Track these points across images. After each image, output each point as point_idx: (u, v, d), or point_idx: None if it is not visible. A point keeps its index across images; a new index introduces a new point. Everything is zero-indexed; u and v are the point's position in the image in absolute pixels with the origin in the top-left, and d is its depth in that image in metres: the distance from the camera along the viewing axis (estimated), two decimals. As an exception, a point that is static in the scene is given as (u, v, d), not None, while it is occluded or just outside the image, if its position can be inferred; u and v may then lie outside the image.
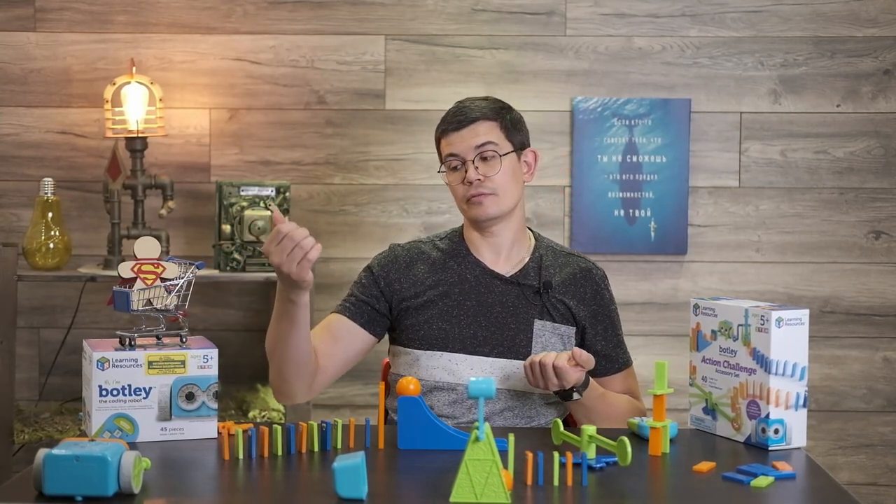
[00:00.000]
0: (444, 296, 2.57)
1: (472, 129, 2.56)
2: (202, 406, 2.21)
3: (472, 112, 2.58)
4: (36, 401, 3.68)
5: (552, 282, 2.59)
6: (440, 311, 2.56)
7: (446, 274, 2.60)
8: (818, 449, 3.71)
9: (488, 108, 2.59)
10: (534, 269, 2.60)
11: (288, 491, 1.98)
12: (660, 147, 3.70)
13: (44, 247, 3.41)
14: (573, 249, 2.72)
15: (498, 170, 2.55)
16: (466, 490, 1.84)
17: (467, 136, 2.56)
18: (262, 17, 3.69)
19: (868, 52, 3.71)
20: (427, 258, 2.63)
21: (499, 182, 2.55)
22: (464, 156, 2.56)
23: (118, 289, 2.24)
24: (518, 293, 2.58)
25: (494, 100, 2.63)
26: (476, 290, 2.58)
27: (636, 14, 3.70)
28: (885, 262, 3.74)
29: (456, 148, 2.57)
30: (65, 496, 1.83)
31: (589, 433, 2.05)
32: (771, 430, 2.22)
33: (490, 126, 2.58)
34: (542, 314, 2.57)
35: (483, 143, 2.56)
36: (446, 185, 2.61)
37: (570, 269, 2.62)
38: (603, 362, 2.60)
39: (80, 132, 3.70)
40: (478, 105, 2.60)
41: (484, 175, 2.54)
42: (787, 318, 2.22)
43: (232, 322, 3.74)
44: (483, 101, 2.62)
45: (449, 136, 2.58)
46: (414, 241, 2.70)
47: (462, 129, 2.56)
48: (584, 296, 2.61)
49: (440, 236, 2.69)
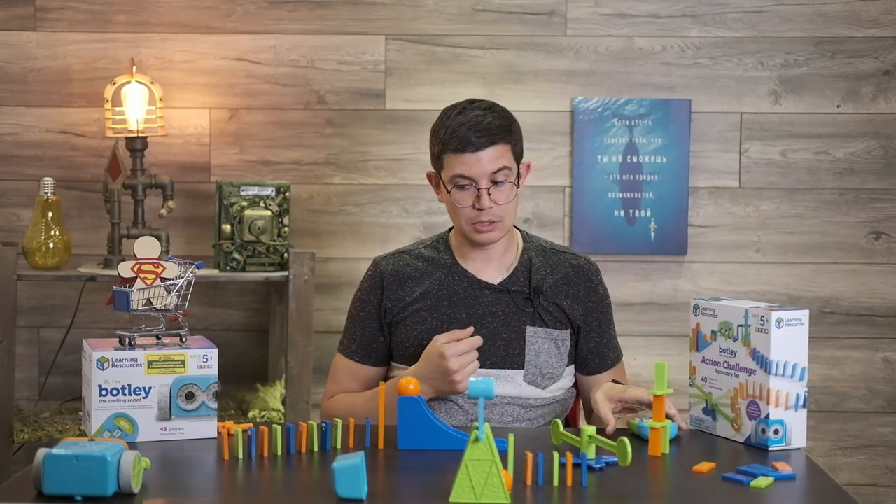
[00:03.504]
0: (433, 310, 2.55)
1: (488, 153, 2.47)
2: (202, 406, 2.21)
3: (486, 131, 2.47)
4: (36, 400, 3.68)
5: (542, 286, 2.57)
6: (430, 326, 2.54)
7: (434, 286, 2.57)
8: (818, 450, 3.71)
9: (500, 128, 2.49)
10: (523, 273, 2.58)
11: (288, 491, 1.98)
12: (660, 147, 3.69)
13: (44, 246, 3.41)
14: (563, 246, 2.68)
15: (511, 197, 2.50)
16: (466, 490, 1.84)
17: (484, 159, 2.47)
18: (263, 17, 3.69)
19: (869, 53, 3.71)
20: (413, 270, 2.60)
21: (506, 208, 2.50)
22: (477, 180, 2.48)
23: (118, 288, 2.24)
24: (508, 301, 2.56)
25: (501, 113, 2.52)
26: (465, 301, 2.56)
27: (637, 14, 3.70)
28: (885, 263, 3.74)
29: (470, 171, 2.47)
30: (64, 496, 1.83)
31: (589, 433, 2.05)
32: (771, 431, 2.22)
33: (504, 150, 2.49)
34: (535, 320, 2.55)
35: (499, 169, 2.48)
36: (439, 201, 2.57)
37: (562, 269, 2.60)
38: (596, 360, 2.60)
39: (80, 132, 3.70)
40: (488, 120, 2.48)
41: (495, 202, 2.48)
42: (787, 319, 2.22)
43: (232, 322, 3.73)
44: (492, 113, 2.51)
45: (460, 156, 2.48)
46: (397, 251, 2.66)
47: (479, 151, 2.47)
48: (578, 294, 2.60)
49: (425, 243, 2.66)
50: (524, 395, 2.54)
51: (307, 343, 3.36)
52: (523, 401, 2.54)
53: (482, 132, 2.47)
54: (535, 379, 2.53)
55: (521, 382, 2.53)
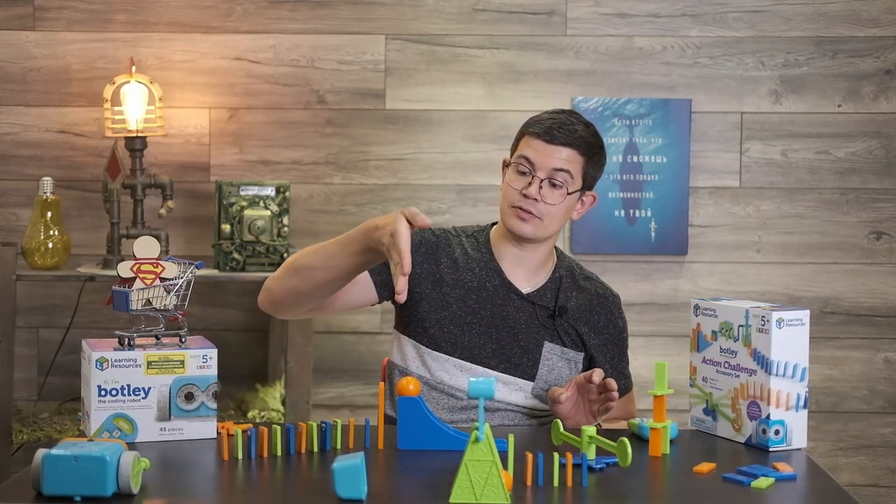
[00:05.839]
0: (460, 299, 2.53)
1: (560, 151, 2.48)
2: (201, 406, 2.21)
3: (570, 134, 2.48)
4: (35, 401, 3.67)
5: (567, 307, 2.56)
6: (454, 314, 2.52)
7: (468, 276, 2.55)
8: (819, 450, 3.71)
9: (585, 141, 2.50)
10: (552, 290, 2.57)
11: (287, 491, 1.97)
12: (660, 147, 3.69)
13: (43, 246, 3.41)
14: (592, 273, 2.67)
15: (559, 202, 2.49)
16: (466, 491, 1.84)
17: (553, 153, 2.48)
18: (262, 17, 3.68)
19: (869, 53, 3.70)
20: (452, 253, 2.57)
21: (551, 211, 2.49)
22: (537, 169, 2.48)
23: (117, 288, 2.24)
24: (532, 312, 2.55)
25: (594, 132, 2.54)
26: (493, 300, 2.54)
27: (637, 14, 3.70)
28: (885, 263, 3.74)
29: (535, 158, 2.48)
30: (63, 496, 1.83)
31: (589, 434, 2.05)
32: (771, 431, 2.22)
33: (577, 158, 2.49)
34: (553, 337, 2.55)
35: (561, 169, 2.48)
36: (501, 175, 2.55)
37: (587, 295, 2.59)
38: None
39: (80, 131, 3.70)
40: (578, 130, 2.50)
41: (542, 198, 2.47)
42: (787, 319, 2.22)
43: (231, 322, 3.73)
44: (585, 127, 2.52)
45: (535, 141, 2.49)
46: (444, 228, 2.63)
47: (552, 143, 2.48)
48: (598, 324, 2.59)
49: (467, 232, 2.63)
50: (529, 405, 2.53)
51: (307, 343, 3.35)
52: (528, 410, 2.54)
53: (565, 132, 2.49)
54: (542, 394, 2.53)
55: (529, 394, 2.53)
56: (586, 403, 2.40)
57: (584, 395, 2.40)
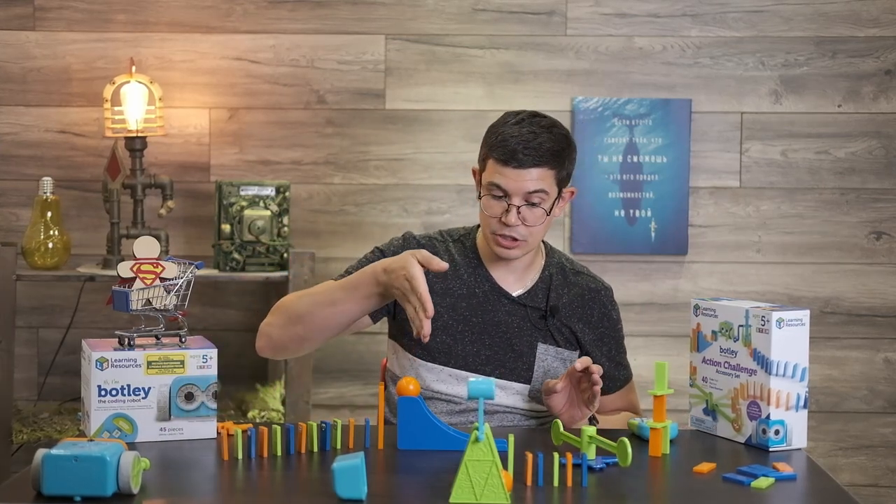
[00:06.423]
0: (451, 308, 2.52)
1: (530, 173, 2.42)
2: (201, 406, 2.21)
3: (536, 152, 2.41)
4: (35, 401, 3.67)
5: (559, 305, 2.55)
6: (445, 324, 2.51)
7: (457, 284, 2.54)
8: (819, 450, 3.71)
9: (552, 153, 2.43)
10: (542, 290, 2.55)
11: (287, 491, 1.97)
12: (660, 147, 3.69)
13: (43, 246, 3.41)
14: (583, 267, 2.64)
15: (541, 222, 2.46)
16: (466, 491, 1.84)
17: (523, 176, 2.42)
18: (262, 17, 3.68)
19: (869, 53, 3.70)
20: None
21: (533, 231, 2.46)
22: (511, 195, 2.43)
23: (117, 288, 2.24)
24: (524, 314, 2.53)
25: (559, 134, 2.46)
26: (483, 306, 2.53)
27: (637, 14, 3.70)
28: (886, 263, 3.74)
29: (506, 184, 2.43)
30: (63, 496, 1.83)
31: (589, 434, 2.04)
32: (771, 431, 2.22)
33: (547, 174, 2.44)
34: (546, 338, 2.54)
35: (535, 191, 2.43)
36: (477, 199, 2.51)
37: (578, 290, 2.57)
38: (606, 382, 2.54)
39: (80, 131, 3.70)
40: (544, 143, 2.43)
41: (523, 220, 2.44)
42: (787, 319, 2.22)
43: (231, 322, 3.73)
44: (549, 135, 2.45)
45: (503, 167, 2.43)
46: (428, 235, 2.61)
47: (521, 168, 2.42)
48: (591, 318, 2.58)
49: (454, 237, 2.61)
50: (528, 407, 2.53)
51: (307, 343, 3.35)
52: (526, 412, 2.53)
53: (530, 151, 2.42)
54: (539, 395, 2.52)
55: (526, 396, 2.53)
56: (578, 394, 2.40)
57: (576, 387, 2.40)
